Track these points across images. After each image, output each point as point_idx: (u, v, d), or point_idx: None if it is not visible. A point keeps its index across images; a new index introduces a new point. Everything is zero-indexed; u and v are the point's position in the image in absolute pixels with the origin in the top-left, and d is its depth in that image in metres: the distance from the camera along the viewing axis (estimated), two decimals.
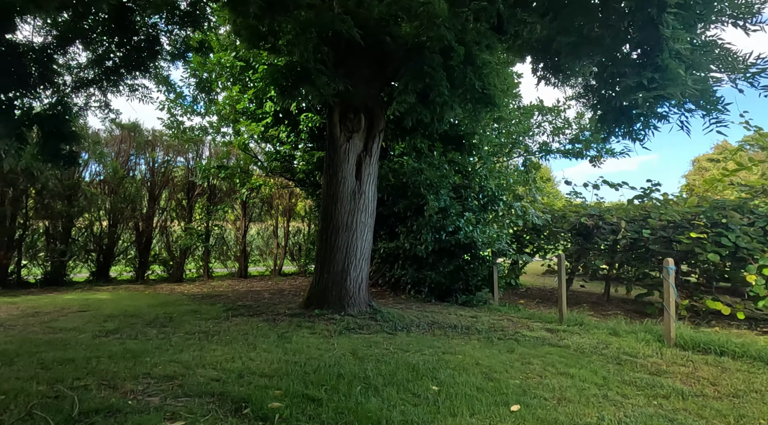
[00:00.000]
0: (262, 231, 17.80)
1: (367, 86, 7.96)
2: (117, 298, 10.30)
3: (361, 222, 8.15)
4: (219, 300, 10.15)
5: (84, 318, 7.64)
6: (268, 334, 6.67)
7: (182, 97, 12.21)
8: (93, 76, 7.78)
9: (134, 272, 14.64)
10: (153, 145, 14.88)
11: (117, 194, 14.04)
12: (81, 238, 13.93)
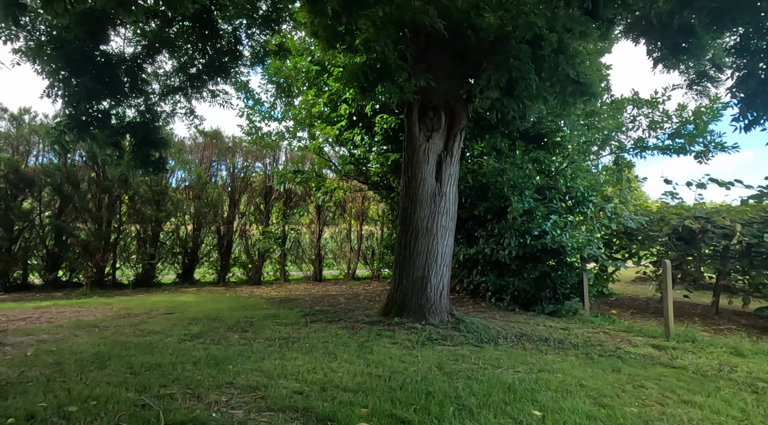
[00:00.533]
0: (335, 235, 17.84)
1: (448, 82, 7.54)
2: (200, 300, 10.57)
3: (442, 226, 7.72)
4: (296, 305, 10.11)
5: (170, 321, 7.81)
6: (348, 343, 6.42)
7: (260, 103, 12.42)
8: (178, 84, 7.97)
9: (216, 274, 15.14)
10: (233, 151, 15.35)
11: (200, 200, 14.59)
12: (168, 241, 14.60)
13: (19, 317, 8.25)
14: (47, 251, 13.12)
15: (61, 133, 6.20)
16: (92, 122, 6.30)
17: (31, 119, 12.90)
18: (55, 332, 6.96)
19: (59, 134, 6.24)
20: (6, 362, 5.23)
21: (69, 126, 6.13)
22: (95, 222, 13.24)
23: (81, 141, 6.46)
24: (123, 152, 6.89)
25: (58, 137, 6.24)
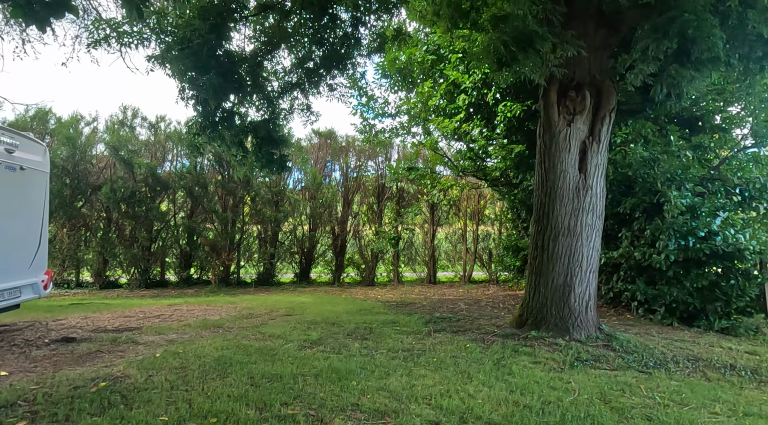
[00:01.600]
0: (449, 235, 17.02)
1: (594, 56, 6.37)
2: (317, 302, 10.40)
3: (587, 225, 6.56)
4: (415, 310, 9.49)
5: (290, 324, 7.58)
6: (481, 359, 5.59)
7: (373, 99, 12.04)
8: (296, 80, 7.73)
9: (331, 274, 15.13)
10: (346, 151, 15.26)
11: (316, 200, 14.67)
12: (286, 241, 14.89)
13: (155, 314, 8.61)
14: (181, 250, 14.00)
15: (194, 135, 6.21)
16: (219, 121, 6.22)
17: (167, 126, 13.89)
18: (183, 331, 7.03)
19: (192, 136, 6.25)
20: (137, 363, 5.20)
21: (200, 126, 6.10)
22: (221, 223, 13.85)
23: (211, 141, 6.44)
24: (247, 152, 6.78)
25: (192, 139, 6.25)
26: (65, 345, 6.13)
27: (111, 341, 6.32)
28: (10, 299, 6.50)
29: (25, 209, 7.00)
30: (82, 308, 9.11)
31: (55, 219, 12.54)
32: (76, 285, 13.15)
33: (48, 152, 7.76)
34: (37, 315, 8.17)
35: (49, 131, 12.84)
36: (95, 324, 7.69)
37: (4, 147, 6.44)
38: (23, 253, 6.93)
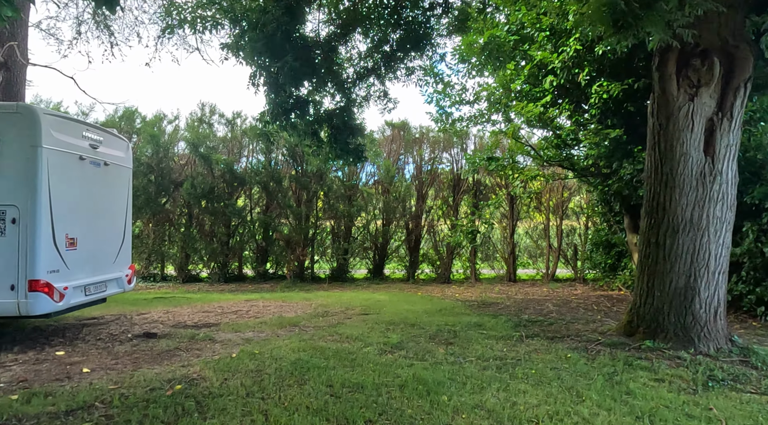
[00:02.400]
0: (530, 230, 15.95)
1: (727, 14, 5.32)
2: (393, 300, 9.94)
3: (716, 217, 5.54)
4: (499, 311, 8.75)
5: (367, 324, 7.15)
6: (589, 373, 4.82)
7: (450, 86, 11.35)
8: (372, 65, 7.26)
9: (405, 271, 14.65)
10: (420, 142, 14.68)
11: (389, 194, 14.24)
12: (359, 236, 14.59)
13: (232, 309, 8.54)
14: (257, 245, 14.11)
15: (266, 123, 5.93)
16: (292, 109, 5.89)
17: (242, 122, 14.03)
18: (259, 329, 6.81)
19: (264, 124, 5.98)
20: (213, 364, 4.96)
21: (272, 115, 5.81)
22: (295, 218, 13.79)
23: (283, 130, 6.14)
24: (321, 143, 6.41)
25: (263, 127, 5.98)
26: (146, 341, 6.08)
27: (189, 338, 6.20)
28: (96, 293, 6.58)
29: (110, 204, 7.08)
30: (165, 302, 9.26)
31: (142, 215, 13.04)
32: (161, 279, 13.64)
33: (130, 147, 7.85)
34: (123, 309, 8.35)
35: (136, 130, 13.38)
36: (176, 318, 7.70)
37: (88, 143, 6.50)
38: (108, 248, 7.02)
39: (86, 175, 6.47)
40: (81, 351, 5.62)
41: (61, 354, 5.43)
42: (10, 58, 8.55)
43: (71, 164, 6.15)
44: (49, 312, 5.72)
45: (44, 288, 5.54)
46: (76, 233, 6.17)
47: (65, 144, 6.01)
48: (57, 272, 5.78)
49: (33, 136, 5.55)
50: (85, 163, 6.40)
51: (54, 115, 5.96)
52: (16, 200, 5.48)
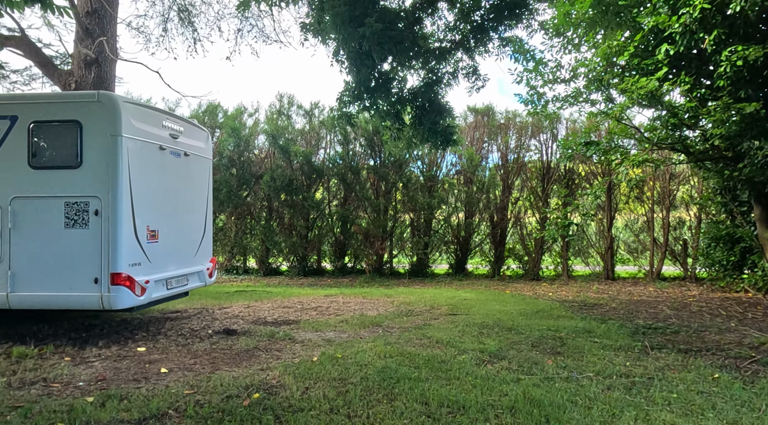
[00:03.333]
0: (630, 223, 14.37)
1: None
2: (481, 299, 9.13)
3: None
4: (606, 314, 7.69)
5: (456, 326, 6.44)
6: (752, 402, 3.80)
7: (543, 64, 10.25)
8: (460, 38, 6.49)
9: (489, 266, 13.72)
10: (505, 128, 13.62)
11: (472, 184, 13.36)
12: (440, 230, 13.86)
13: (312, 305, 8.18)
14: (335, 238, 13.83)
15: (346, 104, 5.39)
16: (375, 88, 5.31)
17: (320, 113, 13.75)
18: (341, 329, 6.33)
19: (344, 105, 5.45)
20: (293, 369, 4.51)
21: (353, 94, 5.26)
22: (374, 210, 13.33)
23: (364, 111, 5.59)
24: (404, 125, 5.77)
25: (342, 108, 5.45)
26: (225, 339, 5.80)
27: (269, 336, 5.84)
28: (177, 287, 6.42)
29: (190, 196, 6.92)
30: (246, 296, 9.13)
31: (224, 208, 13.18)
32: (243, 272, 13.77)
33: (210, 138, 7.68)
34: (206, 302, 8.27)
35: (218, 125, 13.54)
36: (256, 313, 7.46)
37: (168, 133, 6.33)
38: (189, 241, 6.86)
39: (166, 165, 6.30)
40: (161, 347, 5.42)
41: (141, 351, 5.26)
42: (100, 54, 8.73)
43: (151, 154, 5.98)
44: (131, 307, 5.58)
45: (126, 282, 5.39)
46: (157, 225, 6.01)
47: (145, 133, 5.84)
48: (138, 266, 5.63)
49: (113, 125, 5.39)
50: (165, 153, 6.23)
51: (134, 103, 5.81)
52: (98, 191, 5.37)
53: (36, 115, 5.46)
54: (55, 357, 4.98)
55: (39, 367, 4.59)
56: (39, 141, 5.46)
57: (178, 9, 12.47)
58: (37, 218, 5.40)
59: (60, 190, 5.39)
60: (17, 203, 5.41)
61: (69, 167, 5.42)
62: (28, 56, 8.89)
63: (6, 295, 5.35)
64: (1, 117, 5.45)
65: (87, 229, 5.36)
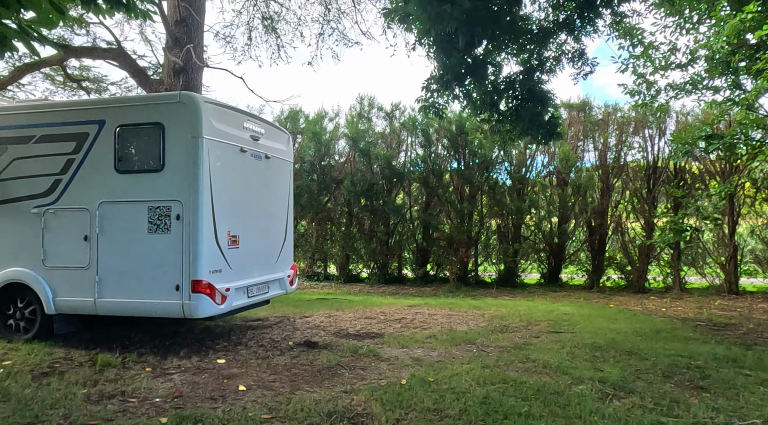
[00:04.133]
0: (758, 229, 12.44)
1: None
2: (584, 314, 8.10)
3: None
4: (746, 337, 6.42)
5: (563, 346, 5.58)
6: None
7: (653, 48, 9.03)
8: (564, 17, 5.67)
9: (587, 277, 12.44)
10: (604, 125, 12.33)
11: (566, 186, 12.21)
12: (530, 236, 12.82)
13: (395, 317, 7.64)
14: (417, 245, 13.26)
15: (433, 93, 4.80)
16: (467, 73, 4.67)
17: (401, 114, 13.28)
18: (429, 345, 5.71)
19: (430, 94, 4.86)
20: (380, 393, 3.95)
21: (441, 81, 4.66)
22: (458, 215, 12.60)
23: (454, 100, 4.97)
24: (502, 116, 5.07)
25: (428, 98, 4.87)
26: (306, 352, 5.39)
27: (352, 351, 5.35)
28: (258, 295, 6.15)
29: (272, 200, 6.66)
30: (327, 305, 8.79)
31: (305, 214, 13.08)
32: (324, 278, 13.59)
33: (291, 140, 7.43)
34: (287, 310, 8.02)
35: (300, 130, 13.51)
36: (338, 324, 7.04)
37: (249, 134, 6.10)
38: (270, 247, 6.59)
39: (247, 168, 6.07)
40: (241, 359, 5.11)
41: (221, 363, 4.97)
42: (188, 61, 8.85)
43: (232, 157, 5.76)
44: (211, 315, 5.34)
45: (206, 289, 5.15)
46: (238, 230, 5.77)
47: (226, 135, 5.62)
48: (219, 273, 5.39)
49: (194, 126, 5.20)
50: (246, 155, 6.00)
51: (215, 103, 5.62)
52: (179, 194, 5.19)
53: (122, 118, 5.41)
54: (137, 366, 4.82)
55: (120, 378, 4.42)
56: (125, 145, 5.41)
57: (261, 17, 12.61)
58: (122, 223, 5.33)
59: (144, 194, 5.29)
60: (104, 207, 5.37)
61: (152, 171, 5.30)
62: (124, 67, 9.24)
63: (93, 301, 5.32)
64: (90, 121, 5.46)
65: (169, 234, 5.20)
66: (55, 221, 5.50)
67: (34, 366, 4.71)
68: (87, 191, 5.43)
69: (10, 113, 5.81)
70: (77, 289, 5.38)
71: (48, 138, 5.57)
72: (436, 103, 4.99)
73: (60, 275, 5.45)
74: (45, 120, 5.62)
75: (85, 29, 9.90)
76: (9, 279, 5.58)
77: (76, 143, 5.49)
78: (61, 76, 10.76)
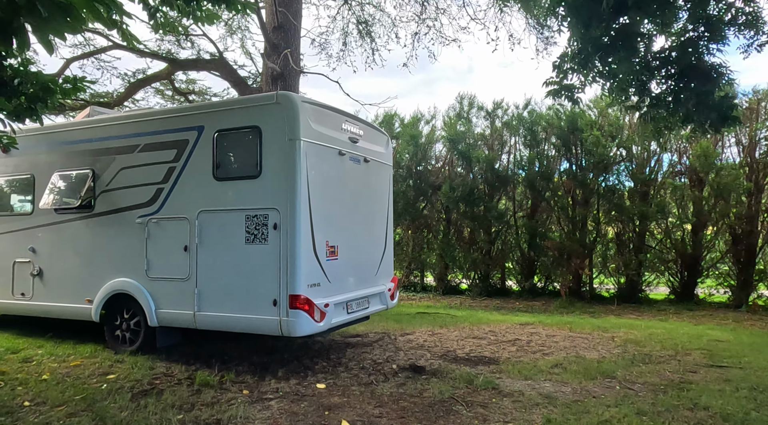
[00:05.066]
0: None
1: None
2: (746, 342, 6.64)
3: None
4: None
5: (737, 389, 4.39)
6: None
7: None
8: None
9: (731, 293, 10.55)
10: (752, 113, 10.40)
11: (703, 188, 10.46)
12: (656, 245, 11.18)
13: (508, 337, 6.76)
14: (521, 254, 12.15)
15: (565, 73, 3.96)
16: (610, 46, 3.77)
17: (503, 113, 12.29)
18: (558, 378, 4.79)
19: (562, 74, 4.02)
20: None
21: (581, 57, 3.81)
22: (570, 222, 11.34)
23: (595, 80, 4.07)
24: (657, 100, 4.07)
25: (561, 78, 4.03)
26: (414, 379, 4.74)
27: (466, 381, 4.61)
28: (358, 310, 5.63)
29: (371, 207, 6.14)
30: (429, 320, 8.11)
31: (402, 221, 12.53)
32: (421, 289, 12.93)
33: (390, 142, 6.88)
34: (386, 325, 7.46)
35: (395, 134, 13.03)
36: (443, 344, 6.33)
37: (347, 136, 5.63)
38: (370, 258, 6.07)
39: (345, 173, 5.59)
40: (343, 386, 4.58)
41: (321, 389, 4.47)
42: (285, 67, 8.70)
43: (330, 160, 5.31)
44: (309, 334, 4.89)
45: (304, 305, 4.70)
46: (337, 240, 5.29)
47: (324, 137, 5.18)
48: (317, 287, 4.93)
49: (292, 127, 4.81)
50: (344, 159, 5.53)
51: (312, 103, 5.20)
52: (276, 202, 4.81)
53: (220, 123, 5.18)
54: (234, 388, 4.47)
55: (217, 402, 4.07)
56: (222, 151, 5.16)
57: (356, 21, 12.34)
58: (220, 233, 5.07)
59: (241, 202, 4.99)
60: (203, 217, 5.15)
61: (249, 177, 4.98)
62: (225, 77, 9.34)
63: (193, 314, 5.10)
64: (190, 128, 5.29)
65: (266, 244, 4.84)
66: (158, 231, 5.39)
67: (135, 383, 4.53)
68: (187, 200, 5.26)
69: (117, 123, 5.86)
70: (178, 301, 5.21)
71: (151, 147, 5.50)
72: (572, 85, 4.12)
73: (162, 287, 5.32)
74: (148, 129, 5.56)
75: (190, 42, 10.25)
76: (116, 289, 5.56)
77: (177, 151, 5.35)
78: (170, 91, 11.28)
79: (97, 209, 5.76)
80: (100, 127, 5.94)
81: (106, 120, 6.01)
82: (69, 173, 6.00)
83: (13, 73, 4.63)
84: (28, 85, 4.70)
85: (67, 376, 4.70)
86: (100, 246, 5.74)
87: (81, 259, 5.84)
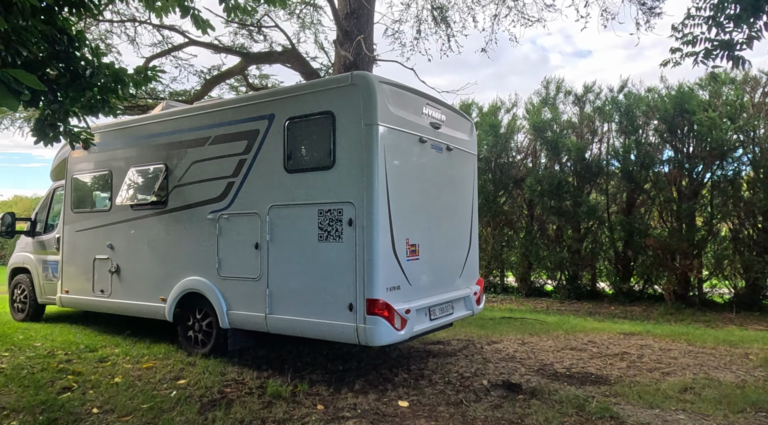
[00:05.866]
0: None
1: None
2: None
3: None
4: None
5: None
6: None
7: None
8: None
9: None
10: None
11: None
12: None
13: (613, 350, 5.86)
14: (616, 253, 10.93)
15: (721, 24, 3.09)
16: None
17: (596, 97, 11.11)
18: (693, 407, 3.89)
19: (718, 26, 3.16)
20: None
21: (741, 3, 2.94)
22: (675, 217, 10.00)
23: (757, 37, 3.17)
24: None
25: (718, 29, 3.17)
26: (510, 400, 4.06)
27: (575, 407, 3.86)
28: (442, 317, 5.02)
29: (454, 200, 5.50)
30: (515, 326, 7.34)
31: (481, 217, 11.72)
32: (502, 290, 12.06)
33: (474, 129, 6.20)
34: (469, 331, 6.80)
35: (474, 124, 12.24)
36: (537, 356, 5.57)
37: (429, 121, 5.03)
38: (454, 257, 5.44)
39: (427, 163, 5.00)
40: (428, 404, 4.00)
41: (403, 407, 3.92)
42: (358, 55, 8.27)
43: (410, 148, 4.74)
44: (389, 343, 4.36)
45: (384, 311, 4.17)
46: (418, 238, 4.72)
47: (403, 122, 4.62)
48: (397, 290, 4.39)
49: (368, 112, 4.28)
50: (425, 147, 4.94)
51: (390, 84, 4.64)
52: (351, 195, 4.31)
53: (291, 110, 4.77)
54: (308, 401, 4.02)
55: (289, 419, 3.64)
56: (294, 140, 4.75)
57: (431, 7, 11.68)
58: (291, 230, 4.66)
59: (314, 196, 4.54)
60: (274, 212, 4.78)
61: (322, 168, 4.52)
62: (297, 68, 9.06)
63: (264, 317, 4.74)
64: (260, 117, 4.94)
65: (341, 242, 4.36)
66: (229, 228, 5.10)
67: (205, 390, 4.23)
68: (257, 194, 4.91)
69: (188, 115, 5.64)
70: (249, 302, 4.88)
71: (221, 138, 5.21)
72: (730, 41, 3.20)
73: (233, 287, 5.03)
74: (218, 120, 5.28)
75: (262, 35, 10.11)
76: (189, 288, 5.35)
77: (247, 142, 5.01)
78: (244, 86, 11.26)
79: (170, 205, 5.59)
80: (172, 120, 5.76)
81: (178, 112, 5.82)
82: (143, 168, 5.89)
83: (86, 64, 4.49)
84: (100, 76, 4.55)
85: (138, 380, 4.50)
86: (173, 243, 5.56)
87: (155, 256, 5.70)
